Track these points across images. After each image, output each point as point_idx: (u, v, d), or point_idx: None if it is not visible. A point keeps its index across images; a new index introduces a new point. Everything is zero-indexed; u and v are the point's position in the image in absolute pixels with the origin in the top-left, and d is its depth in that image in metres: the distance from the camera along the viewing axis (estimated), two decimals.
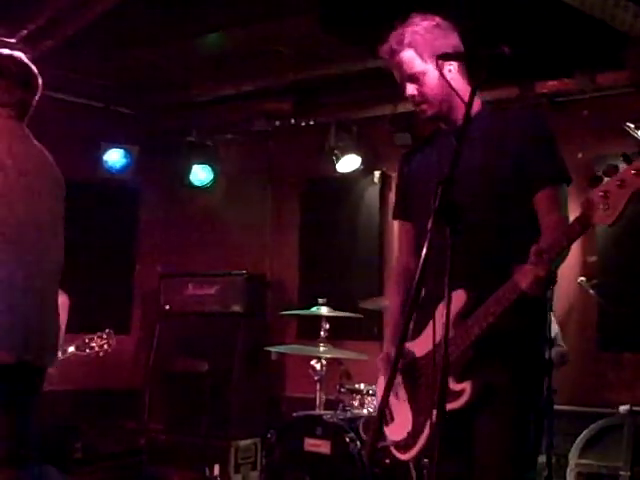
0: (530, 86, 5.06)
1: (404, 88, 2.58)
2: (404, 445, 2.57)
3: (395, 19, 2.60)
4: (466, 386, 2.37)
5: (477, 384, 2.38)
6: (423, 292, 2.20)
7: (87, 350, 4.07)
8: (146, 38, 5.10)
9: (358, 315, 4.97)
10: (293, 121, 6.21)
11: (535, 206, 2.48)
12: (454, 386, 2.38)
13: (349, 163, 6.03)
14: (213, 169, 6.66)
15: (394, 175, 6.15)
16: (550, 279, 2.25)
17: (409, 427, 2.55)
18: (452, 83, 2.49)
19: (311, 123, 6.15)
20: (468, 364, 2.39)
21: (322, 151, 6.04)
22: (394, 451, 2.64)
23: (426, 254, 2.04)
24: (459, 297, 2.38)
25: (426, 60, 2.50)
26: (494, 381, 2.40)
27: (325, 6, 4.49)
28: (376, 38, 2.65)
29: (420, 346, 2.54)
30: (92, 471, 5.91)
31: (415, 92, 2.55)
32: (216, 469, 5.27)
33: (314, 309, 4.89)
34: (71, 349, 4.10)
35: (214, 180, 6.68)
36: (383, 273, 6.07)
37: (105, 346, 4.07)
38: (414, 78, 2.54)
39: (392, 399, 2.62)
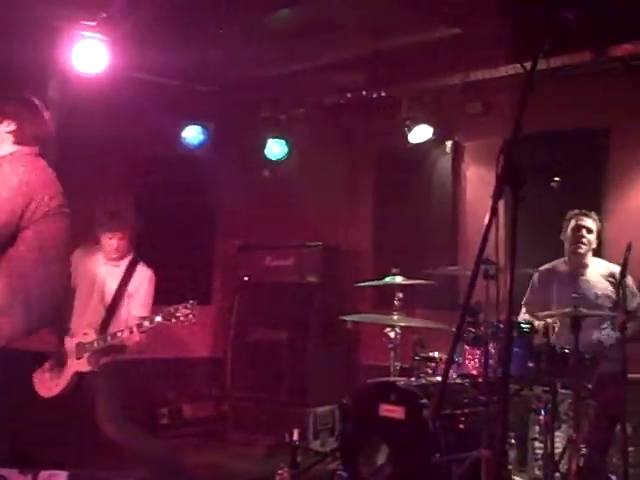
0: (604, 50, 4.96)
1: None
2: None
3: None
4: None
5: None
6: None
7: (173, 320, 4.21)
8: (220, 15, 5.20)
9: (431, 282, 4.96)
10: (365, 93, 6.24)
11: None
12: None
13: (421, 133, 6.05)
14: (287, 143, 6.77)
15: (466, 144, 6.15)
16: None
17: None
18: None
19: (383, 95, 6.17)
20: None
21: (394, 122, 6.06)
22: None
23: (489, 221, 2.10)
24: None
25: None
26: None
27: None
28: (449, 7, 2.68)
29: None
30: (178, 436, 6.15)
31: None
32: (295, 434, 5.40)
33: (388, 279, 4.95)
34: (158, 319, 4.25)
35: (288, 153, 6.80)
36: (456, 242, 6.09)
37: (190, 316, 4.21)
38: None
39: None
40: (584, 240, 4.79)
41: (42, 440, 4.61)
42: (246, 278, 6.72)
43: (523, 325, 4.29)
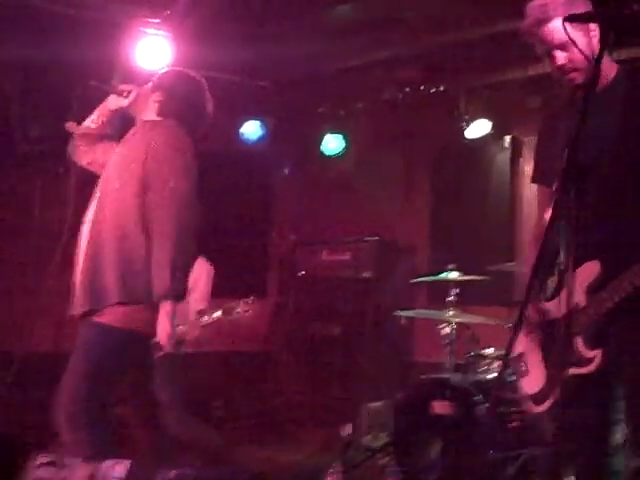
0: None
1: (552, 58, 2.57)
2: (538, 398, 2.67)
3: None
4: (597, 353, 2.45)
5: (607, 352, 2.45)
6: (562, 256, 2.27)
7: (233, 315, 4.27)
8: (279, 12, 5.24)
9: (487, 278, 4.88)
10: (422, 88, 6.22)
11: None
12: (586, 353, 2.47)
13: (479, 128, 5.99)
14: (344, 138, 6.79)
15: (526, 140, 6.07)
16: None
17: (543, 381, 2.66)
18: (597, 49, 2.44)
19: (441, 89, 6.13)
20: (600, 332, 2.46)
21: (452, 117, 6.02)
22: (528, 403, 2.72)
23: (552, 216, 2.07)
24: (592, 268, 2.44)
25: (575, 27, 2.45)
26: (625, 348, 2.46)
27: None
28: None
29: (557, 307, 2.62)
30: (232, 428, 6.21)
31: (565, 61, 2.54)
32: (348, 429, 5.41)
33: (444, 275, 4.92)
34: (217, 314, 4.31)
35: (346, 149, 6.81)
36: (514, 238, 6.02)
37: (249, 312, 4.26)
38: (564, 46, 2.52)
39: (528, 353, 2.72)
40: None
41: None
42: (302, 273, 6.76)
43: None
